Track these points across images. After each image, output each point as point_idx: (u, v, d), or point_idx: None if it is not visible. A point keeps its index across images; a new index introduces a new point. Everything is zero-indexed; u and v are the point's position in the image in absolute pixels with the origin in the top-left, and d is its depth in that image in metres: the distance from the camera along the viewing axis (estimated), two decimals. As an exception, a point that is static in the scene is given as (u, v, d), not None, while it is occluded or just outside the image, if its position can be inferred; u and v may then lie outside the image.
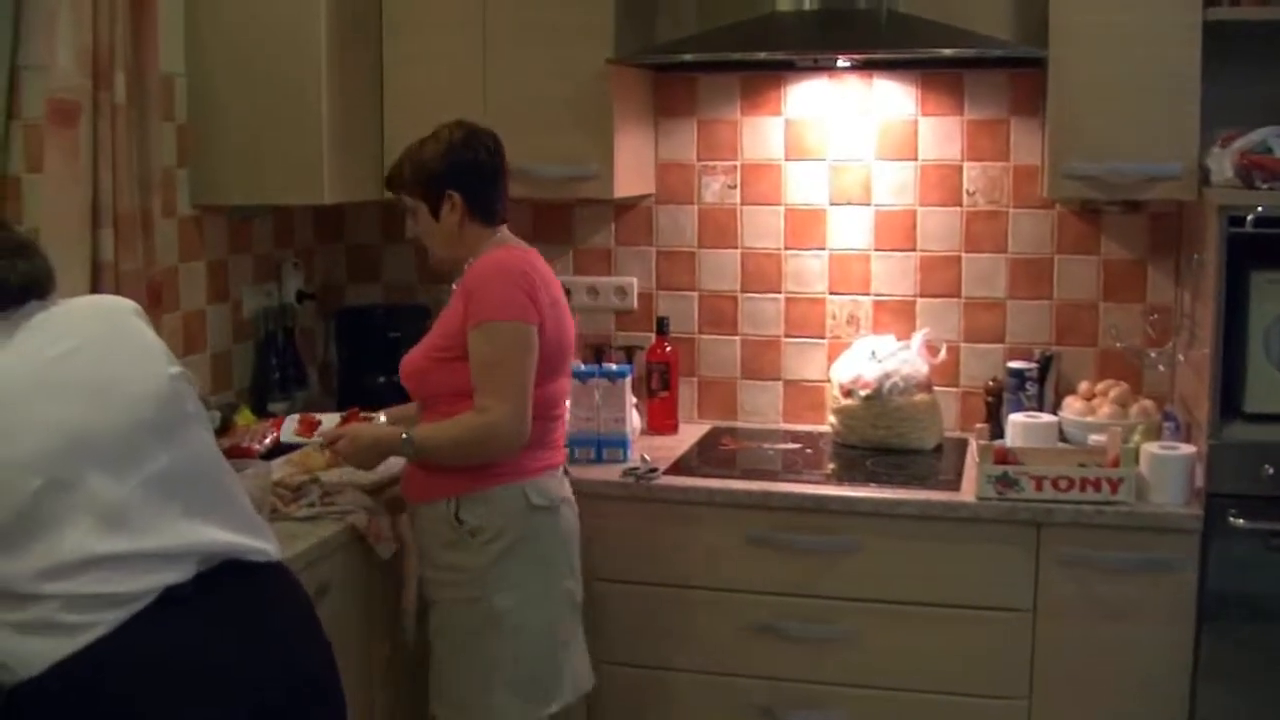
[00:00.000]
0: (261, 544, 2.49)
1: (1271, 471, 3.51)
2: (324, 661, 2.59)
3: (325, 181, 3.93)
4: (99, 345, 2.42)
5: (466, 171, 3.44)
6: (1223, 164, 3.64)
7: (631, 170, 4.26)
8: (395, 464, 3.54)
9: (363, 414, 3.74)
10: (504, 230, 3.52)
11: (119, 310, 2.53)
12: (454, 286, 3.43)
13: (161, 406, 2.41)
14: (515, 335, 3.29)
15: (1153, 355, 4.21)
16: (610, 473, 3.92)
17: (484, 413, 3.27)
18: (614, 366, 4.13)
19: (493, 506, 3.34)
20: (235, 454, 3.37)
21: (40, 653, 2.18)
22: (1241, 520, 3.52)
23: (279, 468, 3.63)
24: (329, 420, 3.70)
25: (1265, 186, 3.55)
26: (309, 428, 3.68)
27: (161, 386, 2.43)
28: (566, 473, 3.60)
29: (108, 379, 2.38)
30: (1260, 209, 3.47)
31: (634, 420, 4.13)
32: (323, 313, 4.70)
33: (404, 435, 3.35)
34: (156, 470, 2.35)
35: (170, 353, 2.54)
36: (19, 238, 2.54)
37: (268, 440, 3.80)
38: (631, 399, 4.09)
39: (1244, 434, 3.58)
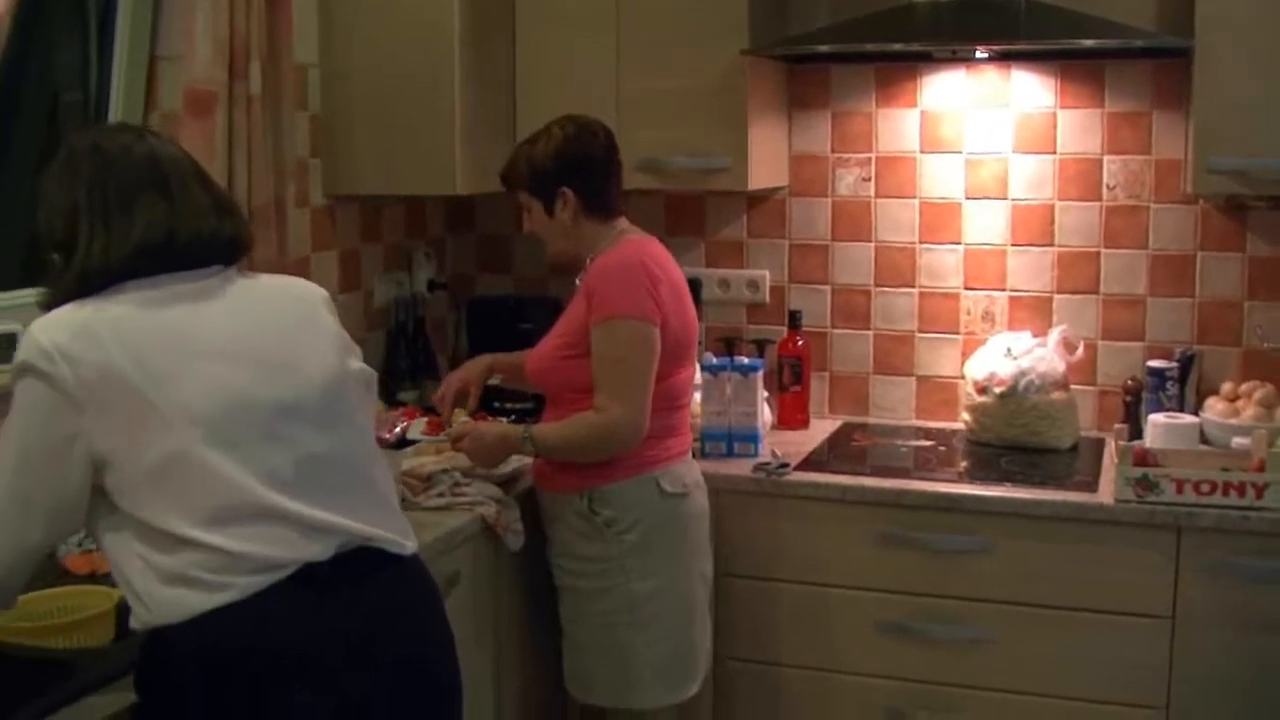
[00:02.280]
0: (399, 538, 2.50)
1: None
2: (446, 654, 2.59)
3: (457, 172, 3.94)
4: (285, 324, 2.46)
5: (579, 167, 3.44)
6: (1375, 159, 3.53)
7: (765, 162, 4.22)
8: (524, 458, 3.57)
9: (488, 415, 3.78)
10: (622, 221, 3.53)
11: (311, 296, 2.59)
12: (578, 282, 3.46)
13: (327, 395, 2.43)
14: (637, 334, 3.31)
15: (1299, 356, 4.10)
16: (741, 467, 3.89)
17: (601, 412, 3.31)
18: (746, 360, 4.10)
19: (627, 497, 3.38)
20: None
21: (179, 603, 2.22)
22: (1392, 528, 3.42)
23: (409, 456, 3.64)
24: (457, 418, 3.71)
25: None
26: (436, 427, 3.73)
27: (330, 376, 2.45)
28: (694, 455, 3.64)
29: (284, 358, 2.40)
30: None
31: (765, 415, 4.09)
32: (453, 303, 4.71)
33: (525, 433, 3.41)
34: (309, 453, 2.37)
35: (354, 347, 2.59)
36: (229, 199, 2.60)
37: (398, 430, 3.81)
38: (763, 393, 4.05)
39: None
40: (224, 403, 2.29)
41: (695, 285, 4.41)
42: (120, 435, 2.22)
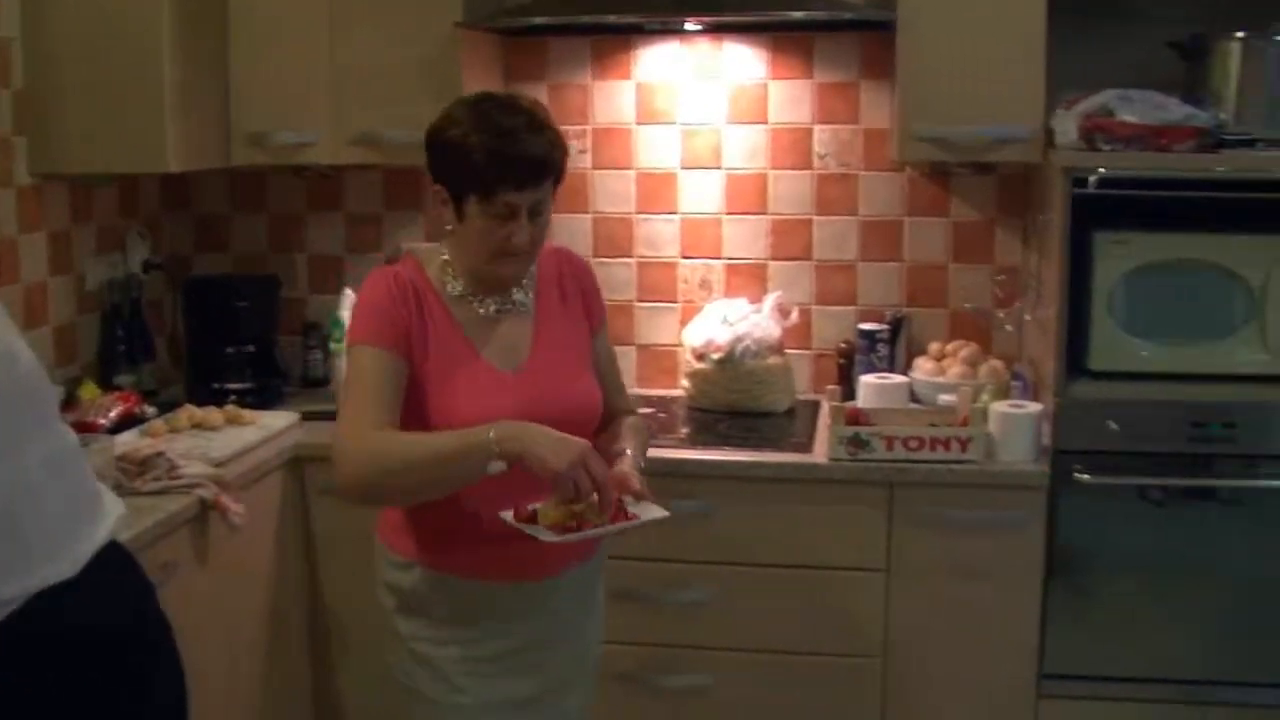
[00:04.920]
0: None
1: (1116, 428, 3.58)
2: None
3: (169, 149, 3.83)
4: None
5: None
6: (1067, 126, 3.68)
7: (481, 135, 4.20)
8: None
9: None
10: None
11: None
12: (526, 295, 2.87)
13: None
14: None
15: (1001, 316, 4.27)
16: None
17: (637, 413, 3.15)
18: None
19: None
20: (80, 429, 3.29)
21: None
22: (1087, 476, 3.59)
23: (126, 441, 3.56)
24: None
25: (1108, 148, 3.61)
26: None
27: None
28: None
29: None
30: (1102, 170, 3.53)
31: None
32: (170, 284, 4.60)
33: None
34: None
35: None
36: None
37: (114, 414, 3.73)
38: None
39: (1089, 392, 3.65)
40: None
41: (416, 259, 4.41)
42: None
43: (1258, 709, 3.68)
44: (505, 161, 2.64)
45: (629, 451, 2.85)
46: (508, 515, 2.66)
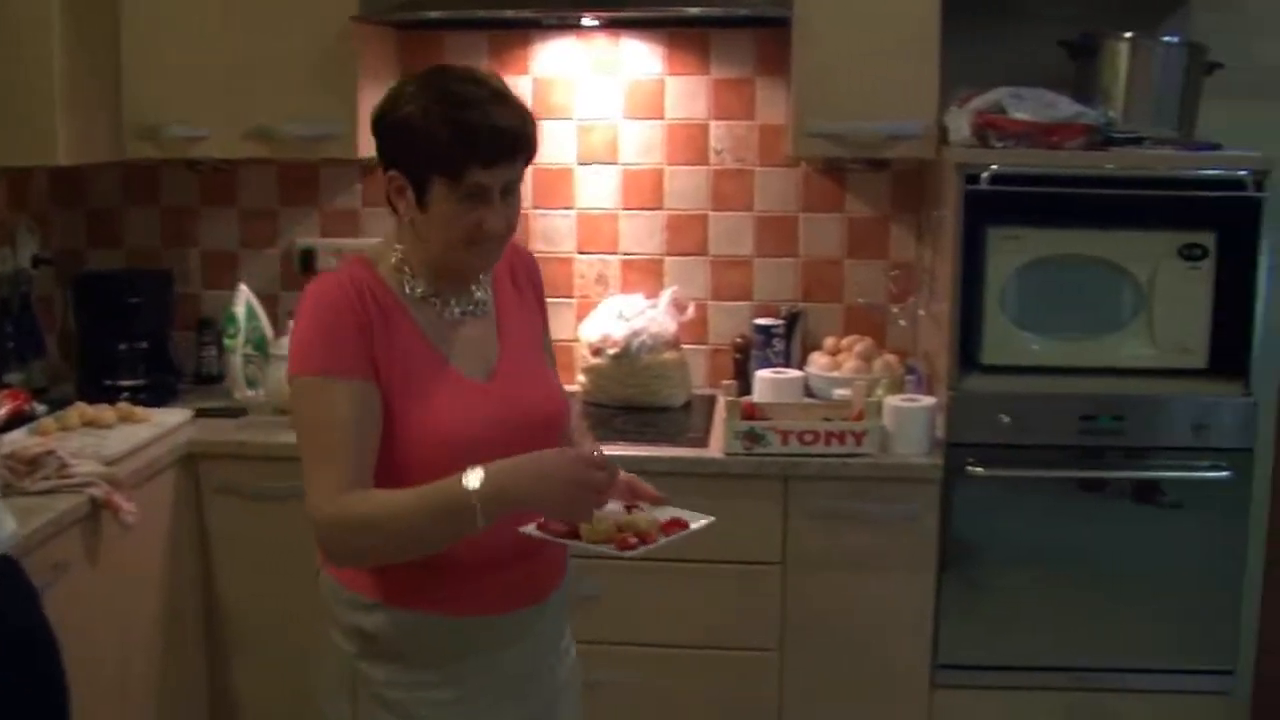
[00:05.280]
0: None
1: (1008, 420, 3.63)
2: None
3: (59, 142, 3.79)
4: None
5: None
6: (960, 123, 3.73)
7: (377, 130, 4.18)
8: None
9: None
10: None
11: None
12: (486, 293, 2.61)
13: None
14: None
15: (895, 311, 4.31)
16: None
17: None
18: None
19: None
20: (-34, 427, 3.27)
21: None
22: (980, 468, 3.64)
23: (15, 440, 3.51)
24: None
25: (1000, 145, 3.66)
26: None
27: None
28: None
29: None
30: (995, 167, 3.58)
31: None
32: (61, 279, 4.54)
33: None
34: None
35: None
36: None
37: (2, 412, 3.67)
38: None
39: (982, 385, 3.70)
40: None
41: (310, 255, 4.40)
42: None
43: (1148, 694, 3.75)
44: (472, 135, 2.34)
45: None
46: (530, 529, 2.39)
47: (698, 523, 2.48)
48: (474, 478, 2.22)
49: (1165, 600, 3.73)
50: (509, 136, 2.39)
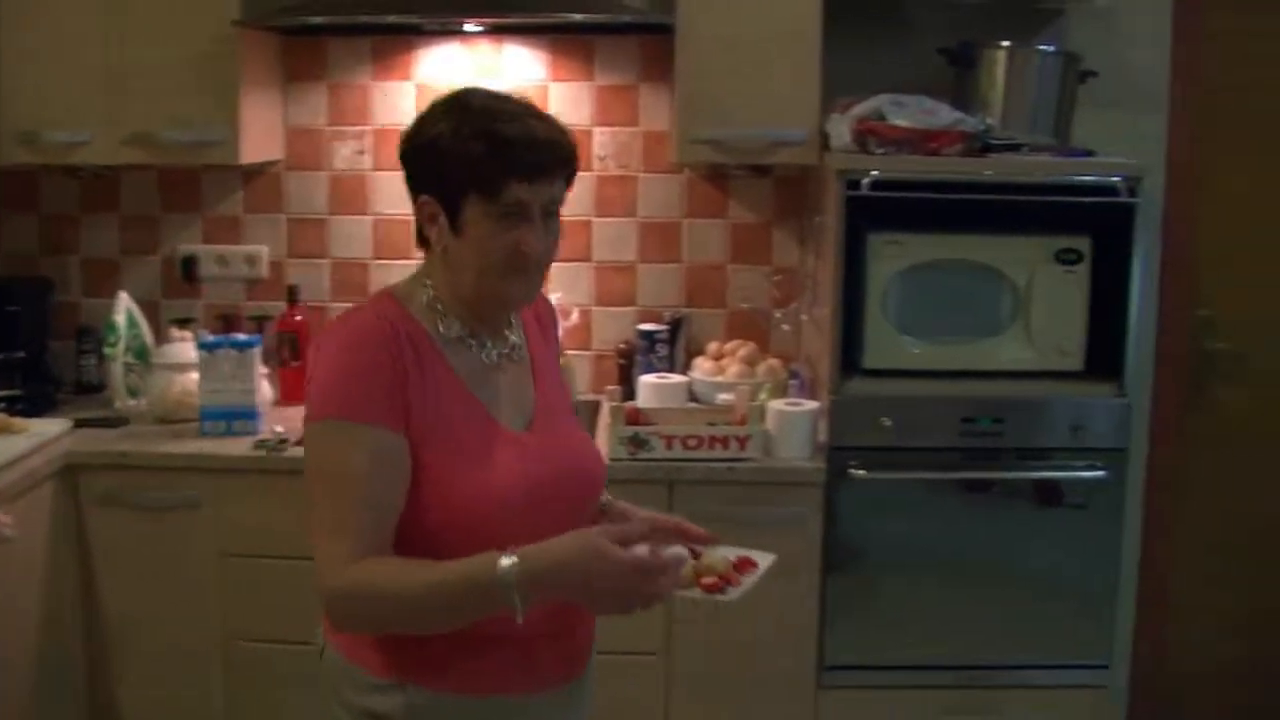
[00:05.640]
0: None
1: (889, 424, 3.68)
2: None
3: (-68, 146, 3.73)
4: None
5: None
6: (841, 130, 3.77)
7: (259, 135, 4.16)
8: None
9: None
10: None
11: None
12: (520, 335, 2.41)
13: None
14: None
15: (778, 315, 4.35)
16: (241, 445, 3.82)
17: None
18: (243, 337, 4.02)
19: None
20: None
21: None
22: (863, 471, 3.68)
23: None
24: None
25: (880, 151, 3.70)
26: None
27: None
28: None
29: None
30: (875, 173, 3.62)
31: (265, 391, 4.04)
32: (-66, 286, 4.46)
33: None
34: None
35: None
36: None
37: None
38: (262, 370, 4.00)
39: (864, 389, 3.74)
40: None
41: (192, 263, 4.36)
42: None
43: (1029, 689, 3.82)
44: (510, 147, 2.15)
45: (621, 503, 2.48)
46: None
47: (765, 560, 2.38)
48: (508, 565, 1.99)
49: (1044, 597, 3.79)
50: (549, 148, 2.20)
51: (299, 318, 4.31)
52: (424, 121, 2.24)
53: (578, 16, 3.99)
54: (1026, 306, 3.74)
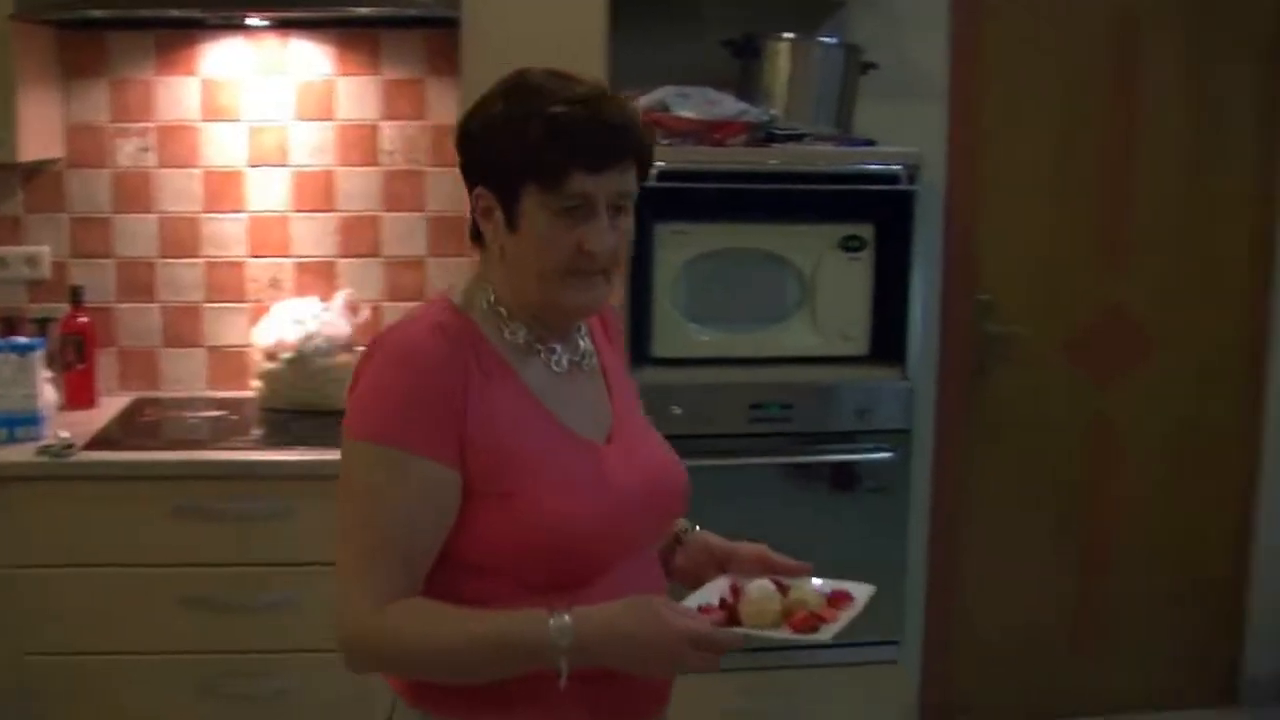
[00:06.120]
0: None
1: (679, 412, 3.72)
2: None
3: None
4: None
5: None
6: (627, 121, 3.80)
7: (37, 133, 4.05)
8: None
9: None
10: None
11: None
12: (589, 342, 2.25)
13: None
14: None
15: (571, 307, 4.36)
16: (25, 452, 3.72)
17: None
18: (23, 340, 3.92)
19: None
20: None
21: None
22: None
23: None
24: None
25: (666, 143, 3.73)
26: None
27: None
28: None
29: None
30: (661, 164, 3.63)
31: (48, 395, 3.95)
32: None
33: None
34: None
35: None
36: None
37: None
38: (45, 373, 3.91)
39: (654, 378, 3.77)
40: None
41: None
42: None
43: (823, 668, 3.91)
44: (571, 131, 1.95)
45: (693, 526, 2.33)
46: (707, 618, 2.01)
47: (862, 593, 2.18)
48: (560, 625, 1.86)
49: (837, 578, 3.85)
50: (617, 134, 1.99)
51: (83, 319, 4.22)
52: (478, 106, 2.08)
53: (363, 10, 3.98)
54: (812, 294, 3.81)
